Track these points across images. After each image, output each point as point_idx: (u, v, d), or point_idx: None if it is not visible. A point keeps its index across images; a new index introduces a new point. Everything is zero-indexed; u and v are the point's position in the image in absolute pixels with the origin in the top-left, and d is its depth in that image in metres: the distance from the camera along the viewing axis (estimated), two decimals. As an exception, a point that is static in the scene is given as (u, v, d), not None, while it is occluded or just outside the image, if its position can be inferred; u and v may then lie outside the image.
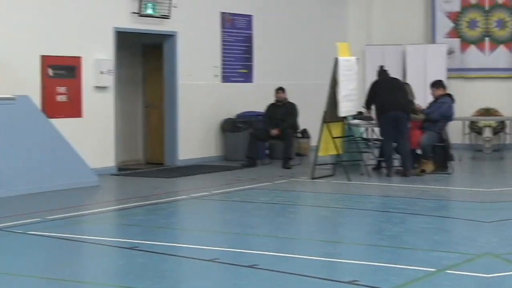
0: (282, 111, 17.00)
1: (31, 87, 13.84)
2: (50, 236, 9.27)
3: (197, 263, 7.98)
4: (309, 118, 17.66)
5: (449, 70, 20.34)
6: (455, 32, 20.82)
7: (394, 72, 16.44)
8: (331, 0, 21.18)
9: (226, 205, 12.14)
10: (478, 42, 20.67)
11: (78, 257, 8.60)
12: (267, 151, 17.79)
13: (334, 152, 14.79)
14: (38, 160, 12.86)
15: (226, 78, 18.11)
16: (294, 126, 17.10)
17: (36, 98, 13.83)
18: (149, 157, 17.62)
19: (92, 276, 7.69)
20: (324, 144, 14.65)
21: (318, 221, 10.86)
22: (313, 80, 19.80)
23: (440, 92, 15.43)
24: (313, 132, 17.24)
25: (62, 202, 11.94)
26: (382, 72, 15.33)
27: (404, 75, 20.07)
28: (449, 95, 15.49)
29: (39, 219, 10.37)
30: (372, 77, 15.81)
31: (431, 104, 15.41)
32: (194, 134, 17.30)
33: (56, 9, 14.40)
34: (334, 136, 14.65)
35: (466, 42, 20.74)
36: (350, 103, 14.90)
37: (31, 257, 8.19)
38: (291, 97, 17.25)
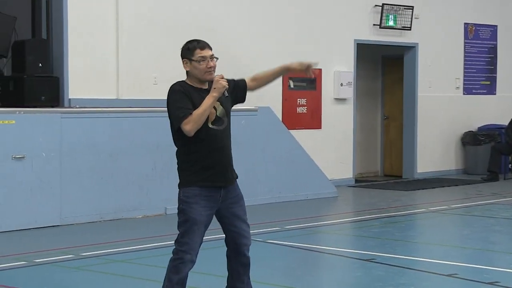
0: (527, 124, 16.43)
1: (272, 98, 14.16)
2: (288, 246, 9.45)
3: (435, 277, 7.84)
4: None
5: None
6: None
7: None
8: None
9: (466, 220, 11.85)
10: None
11: (315, 267, 8.69)
12: (510, 165, 17.27)
13: None
14: (279, 170, 13.13)
15: (467, 90, 17.72)
16: (540, 140, 16.46)
17: (277, 109, 14.15)
18: (386, 169, 17.54)
19: (329, 287, 7.75)
20: None
21: None
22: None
23: None
24: (560, 146, 16.49)
25: (300, 212, 12.14)
26: None
27: None
28: None
29: (278, 228, 10.60)
30: None
31: None
32: (433, 147, 17.05)
33: (299, 22, 14.67)
34: None
35: None
36: None
37: (270, 265, 8.38)
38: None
